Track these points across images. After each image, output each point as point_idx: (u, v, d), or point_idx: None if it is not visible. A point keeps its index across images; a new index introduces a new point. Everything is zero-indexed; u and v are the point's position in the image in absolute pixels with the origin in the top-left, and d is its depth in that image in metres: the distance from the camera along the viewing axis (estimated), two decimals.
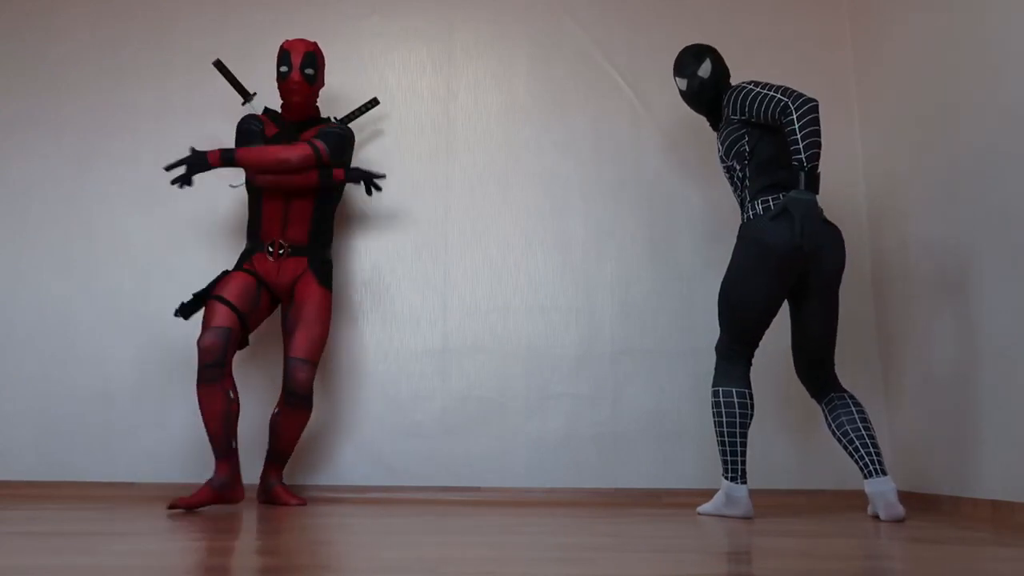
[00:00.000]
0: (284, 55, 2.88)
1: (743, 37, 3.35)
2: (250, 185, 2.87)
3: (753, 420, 3.03)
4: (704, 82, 2.62)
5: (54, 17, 3.48)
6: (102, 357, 3.16)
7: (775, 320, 3.07)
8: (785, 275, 2.35)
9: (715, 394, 2.43)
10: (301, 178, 2.74)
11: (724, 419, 2.41)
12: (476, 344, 3.14)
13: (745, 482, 2.39)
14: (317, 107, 2.97)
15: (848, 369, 3.07)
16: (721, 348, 2.47)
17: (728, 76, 2.66)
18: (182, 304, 2.67)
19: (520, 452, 3.04)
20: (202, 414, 2.54)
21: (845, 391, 2.44)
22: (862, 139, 3.24)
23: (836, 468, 2.99)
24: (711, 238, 3.17)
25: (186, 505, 2.38)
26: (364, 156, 3.33)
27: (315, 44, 2.92)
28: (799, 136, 2.28)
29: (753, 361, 3.08)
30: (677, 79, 2.69)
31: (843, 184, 3.22)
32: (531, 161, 3.29)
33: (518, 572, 1.27)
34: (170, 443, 3.07)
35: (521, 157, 3.30)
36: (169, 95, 3.39)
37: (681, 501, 2.96)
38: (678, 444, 3.02)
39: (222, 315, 2.61)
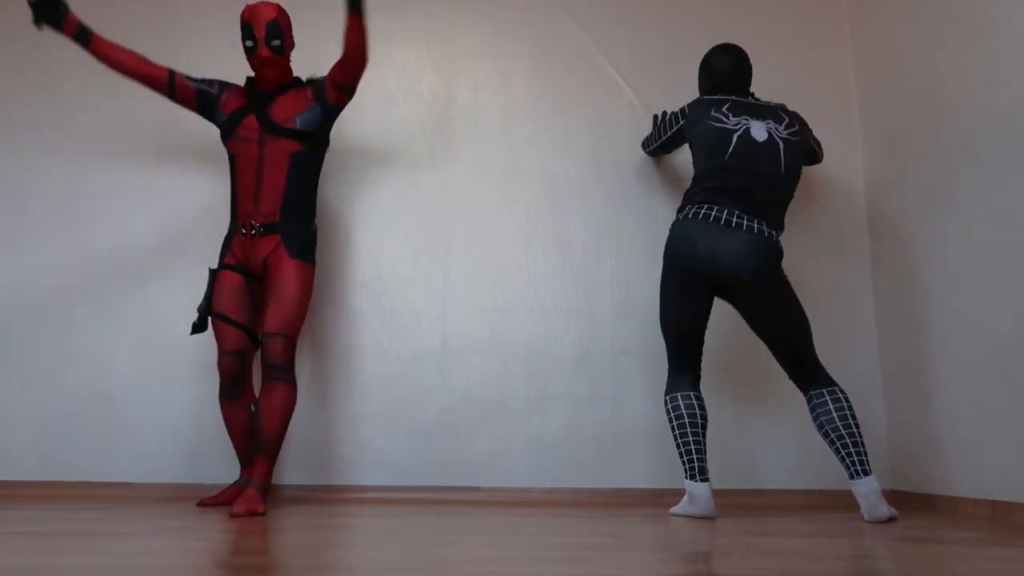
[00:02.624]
0: (246, 27, 2.69)
1: (743, 37, 3.35)
2: (231, 159, 2.76)
3: (750, 420, 3.03)
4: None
5: None
6: (102, 357, 3.16)
7: None
8: (692, 289, 2.48)
9: (665, 403, 2.53)
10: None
11: (675, 423, 2.46)
12: (476, 344, 3.14)
13: (706, 480, 2.39)
14: (290, 71, 2.81)
15: (848, 368, 3.07)
16: (668, 361, 2.58)
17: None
18: (194, 324, 2.70)
19: (520, 452, 3.04)
20: (227, 427, 2.69)
21: (826, 385, 2.36)
22: (862, 139, 3.24)
23: (835, 468, 2.99)
24: None
25: (214, 503, 2.62)
26: (365, 157, 3.32)
27: (277, 7, 2.71)
28: None
29: (744, 361, 3.08)
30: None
31: (843, 184, 3.22)
32: (531, 161, 3.29)
33: (518, 572, 1.27)
34: (170, 443, 3.07)
35: (521, 157, 3.30)
36: None
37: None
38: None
39: (231, 338, 2.66)
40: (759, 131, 2.51)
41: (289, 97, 2.76)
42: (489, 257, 3.21)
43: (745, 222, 2.41)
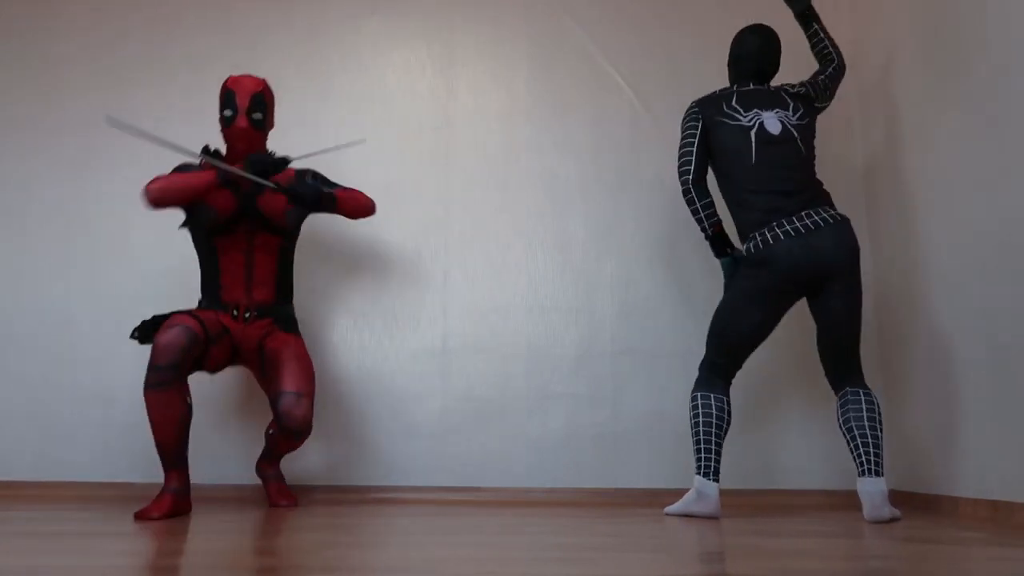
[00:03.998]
0: (228, 96, 2.58)
1: None
2: (199, 240, 2.63)
3: (755, 422, 3.03)
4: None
5: (54, 17, 3.48)
6: (102, 357, 3.16)
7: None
8: (781, 299, 2.44)
9: (694, 399, 2.49)
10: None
11: (701, 419, 2.44)
12: (476, 344, 3.14)
13: (717, 481, 2.39)
14: (266, 150, 2.69)
15: None
16: (705, 364, 2.53)
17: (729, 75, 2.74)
18: (140, 325, 2.45)
19: (520, 452, 3.04)
20: (152, 421, 2.29)
21: (863, 387, 2.38)
22: (862, 140, 3.24)
23: (836, 468, 2.99)
24: None
25: (150, 516, 2.19)
26: (365, 156, 3.32)
27: (263, 82, 2.64)
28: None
29: (755, 363, 3.08)
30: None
31: (843, 185, 3.22)
32: (531, 161, 3.29)
33: (518, 572, 1.27)
34: None
35: (521, 157, 3.30)
36: (169, 95, 3.39)
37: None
38: (678, 444, 3.02)
39: (185, 319, 2.40)
40: (772, 123, 2.50)
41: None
42: (489, 257, 3.21)
43: (815, 217, 2.40)
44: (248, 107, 2.58)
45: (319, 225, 3.25)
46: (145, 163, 3.32)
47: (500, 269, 3.20)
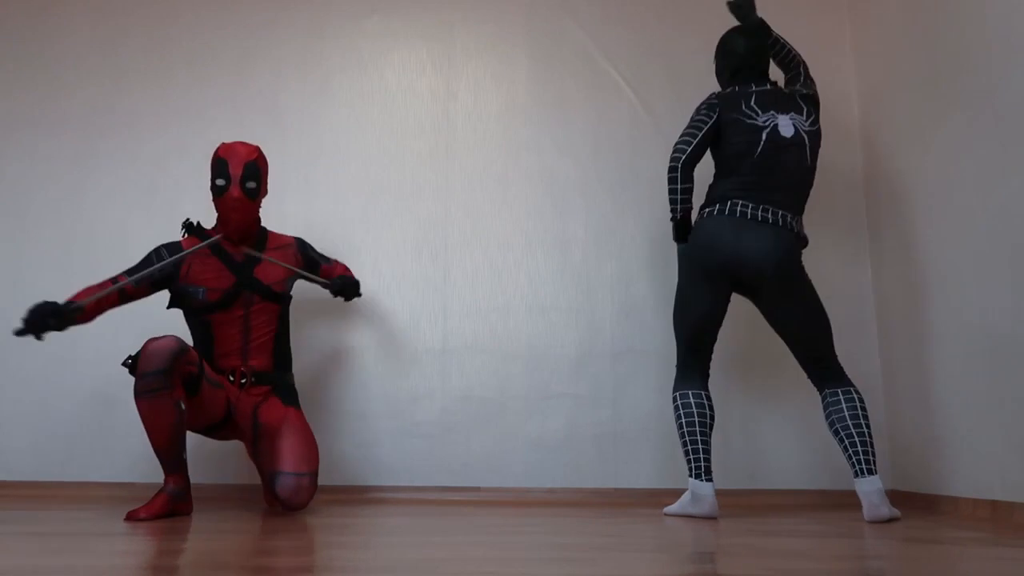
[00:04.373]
0: (220, 165, 2.48)
1: None
2: (189, 311, 2.53)
3: (750, 421, 3.03)
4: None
5: (54, 17, 3.48)
6: (102, 357, 3.16)
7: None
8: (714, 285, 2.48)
9: (674, 399, 2.50)
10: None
11: (684, 420, 2.45)
12: (476, 344, 3.14)
13: (711, 480, 2.39)
14: (259, 220, 2.61)
15: (848, 368, 3.07)
16: (678, 359, 2.56)
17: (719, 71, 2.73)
18: (131, 357, 2.31)
19: (520, 452, 3.04)
20: (146, 429, 2.23)
21: (841, 385, 2.38)
22: (862, 140, 3.23)
23: (836, 468, 2.99)
24: None
25: (138, 517, 2.15)
26: (365, 156, 3.32)
27: (257, 149, 2.54)
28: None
29: (749, 361, 3.08)
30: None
31: (843, 186, 3.22)
32: (531, 161, 3.29)
33: (518, 572, 1.27)
34: None
35: (521, 157, 3.30)
36: (169, 95, 3.39)
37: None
38: (678, 444, 3.02)
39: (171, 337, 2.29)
40: (786, 127, 2.49)
41: (271, 254, 2.61)
42: (489, 257, 3.21)
43: (770, 216, 2.41)
44: (242, 176, 2.48)
45: (318, 226, 3.25)
46: (145, 163, 3.32)
47: (500, 269, 3.20)
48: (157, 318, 3.18)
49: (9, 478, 3.08)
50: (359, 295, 2.70)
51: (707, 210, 2.50)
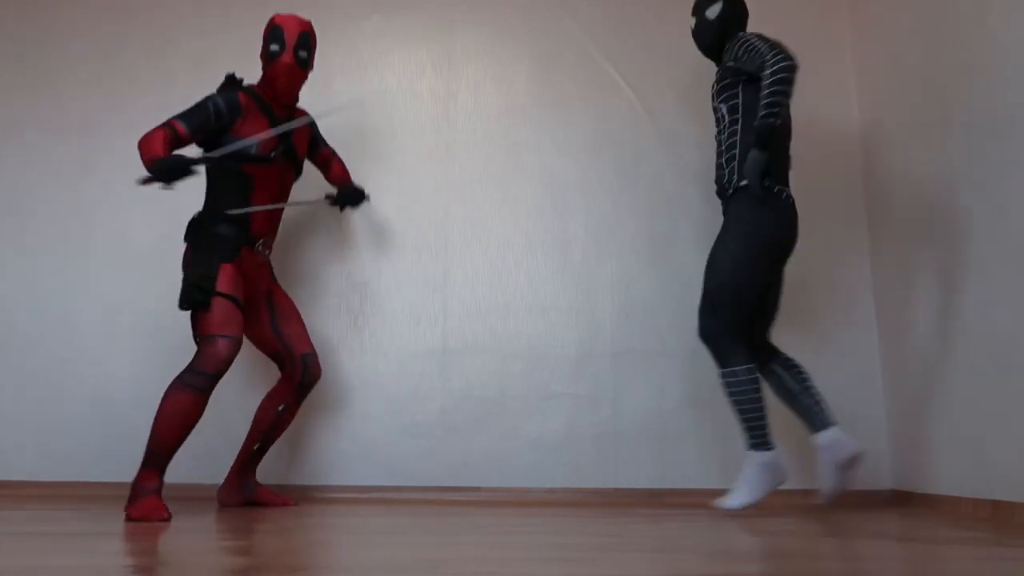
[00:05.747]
0: (276, 32, 2.56)
1: None
2: (249, 175, 2.56)
3: None
4: (709, 24, 2.68)
5: (54, 17, 3.48)
6: (102, 357, 3.16)
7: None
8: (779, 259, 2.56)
9: (736, 373, 2.42)
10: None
11: (751, 395, 2.41)
12: (476, 344, 3.14)
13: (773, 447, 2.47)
14: (298, 95, 2.69)
15: (848, 367, 3.06)
16: (730, 332, 2.45)
17: (740, 25, 2.69)
18: (193, 297, 2.33)
19: (520, 452, 3.04)
20: (170, 421, 2.24)
21: (781, 354, 2.56)
22: (862, 140, 3.23)
23: None
24: (711, 238, 3.17)
25: (167, 517, 2.16)
26: (365, 156, 3.32)
27: (310, 23, 2.64)
28: (765, 91, 2.35)
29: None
30: (692, 17, 2.76)
31: (843, 186, 3.22)
32: (531, 161, 3.29)
33: (518, 572, 1.27)
34: None
35: (521, 157, 3.30)
36: (169, 95, 3.39)
37: (682, 501, 2.96)
38: (678, 444, 3.02)
39: (238, 322, 2.37)
40: None
41: (301, 131, 2.74)
42: (489, 257, 3.21)
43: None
44: (296, 44, 2.57)
45: (318, 226, 3.25)
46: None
47: (500, 269, 3.20)
48: (158, 318, 3.18)
49: (9, 478, 3.08)
50: (366, 200, 2.84)
51: (785, 191, 2.50)
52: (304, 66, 2.60)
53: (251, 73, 3.38)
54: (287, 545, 1.61)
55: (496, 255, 3.21)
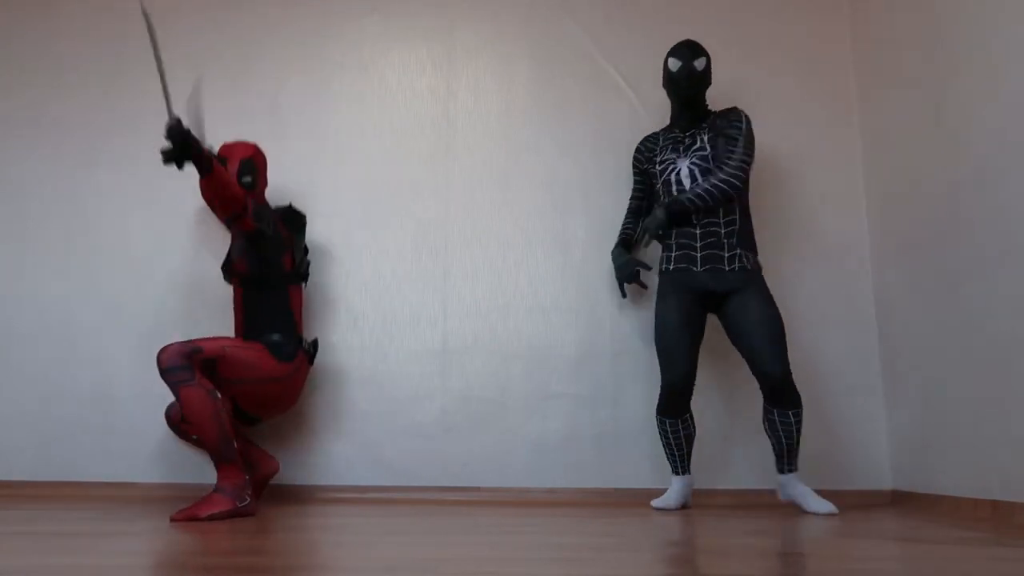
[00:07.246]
0: (219, 161, 2.65)
1: (743, 37, 3.35)
2: (271, 274, 2.65)
3: (752, 421, 3.03)
4: (694, 74, 2.79)
5: (54, 17, 3.48)
6: (102, 357, 3.16)
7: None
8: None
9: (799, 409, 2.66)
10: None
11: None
12: (476, 344, 3.14)
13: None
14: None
15: (848, 369, 3.06)
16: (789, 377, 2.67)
17: (708, 86, 2.86)
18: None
19: (520, 452, 3.04)
20: (206, 417, 2.27)
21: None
22: (862, 140, 3.23)
23: (837, 468, 2.99)
24: None
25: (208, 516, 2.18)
26: (365, 156, 3.32)
27: (254, 147, 2.77)
28: (710, 180, 2.68)
29: (740, 362, 3.08)
30: (670, 59, 2.83)
31: (843, 185, 3.22)
32: (531, 161, 3.29)
33: (518, 572, 1.27)
34: (170, 443, 3.07)
35: (521, 157, 3.30)
36: (171, 95, 3.37)
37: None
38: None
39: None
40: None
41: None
42: (489, 257, 3.21)
43: None
44: (238, 171, 2.73)
45: (319, 226, 3.25)
46: (145, 163, 3.32)
47: (500, 269, 3.20)
48: (158, 318, 3.18)
49: (9, 478, 3.08)
50: (187, 157, 2.20)
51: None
52: (249, 189, 2.75)
53: (251, 73, 3.38)
54: (287, 545, 1.61)
55: (496, 255, 3.21)
